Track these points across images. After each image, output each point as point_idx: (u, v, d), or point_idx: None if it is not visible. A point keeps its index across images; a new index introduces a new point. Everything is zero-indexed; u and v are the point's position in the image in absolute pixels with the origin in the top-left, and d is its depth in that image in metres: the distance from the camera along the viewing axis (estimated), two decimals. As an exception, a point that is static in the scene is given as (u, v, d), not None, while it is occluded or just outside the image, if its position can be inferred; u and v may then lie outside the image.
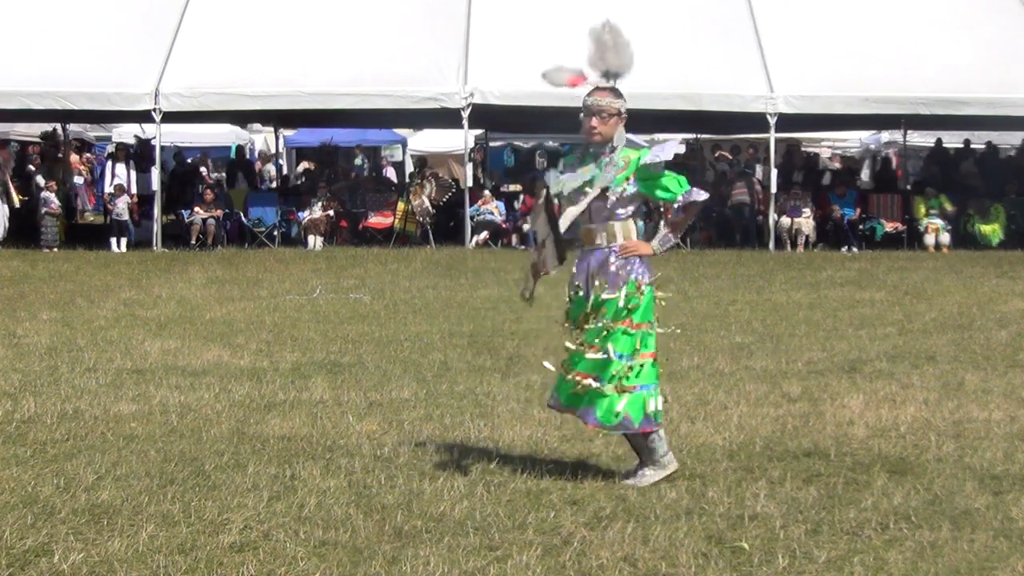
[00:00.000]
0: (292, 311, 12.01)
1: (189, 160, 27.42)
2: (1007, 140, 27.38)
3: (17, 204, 20.97)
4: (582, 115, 5.71)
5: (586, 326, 5.84)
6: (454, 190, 21.59)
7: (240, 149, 29.56)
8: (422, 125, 30.00)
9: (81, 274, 15.82)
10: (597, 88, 5.70)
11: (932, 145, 27.42)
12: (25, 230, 20.55)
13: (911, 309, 12.24)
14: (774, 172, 21.44)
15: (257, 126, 31.63)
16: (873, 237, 21.62)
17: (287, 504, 5.27)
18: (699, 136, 27.87)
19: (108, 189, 21.67)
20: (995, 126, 24.95)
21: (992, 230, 21.60)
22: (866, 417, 7.06)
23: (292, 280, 14.99)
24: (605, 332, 5.77)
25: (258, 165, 29.40)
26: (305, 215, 21.31)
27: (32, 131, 28.11)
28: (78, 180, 24.66)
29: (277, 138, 29.45)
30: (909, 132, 27.17)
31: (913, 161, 29.17)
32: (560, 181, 5.80)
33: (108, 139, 33.14)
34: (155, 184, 20.95)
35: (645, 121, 26.33)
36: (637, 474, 5.66)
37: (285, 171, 29.56)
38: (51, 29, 20.54)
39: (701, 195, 5.86)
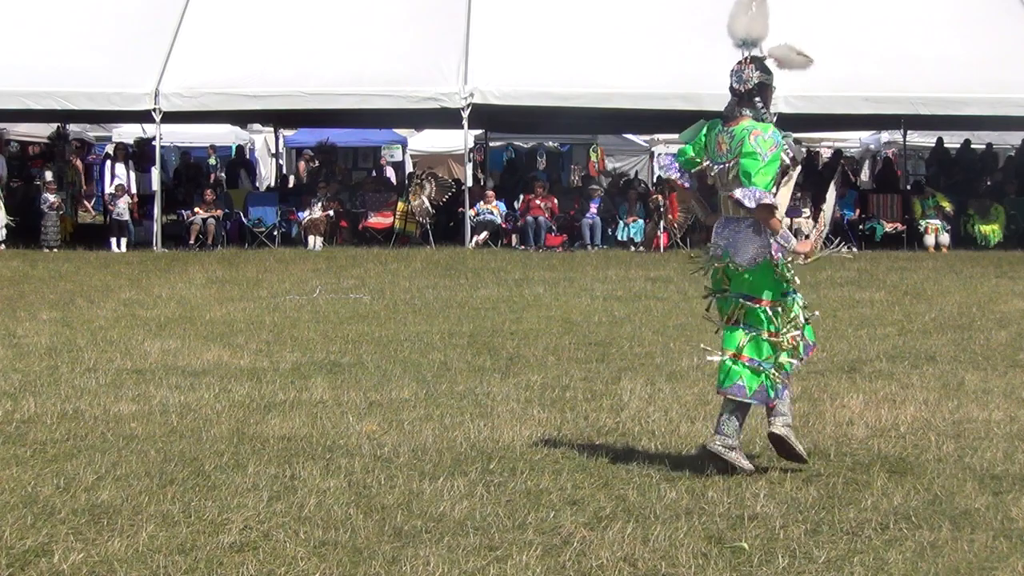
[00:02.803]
0: (292, 311, 12.02)
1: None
2: (1007, 140, 27.39)
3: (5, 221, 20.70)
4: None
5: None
6: (454, 190, 21.60)
7: (240, 149, 29.54)
8: (422, 125, 30.00)
9: (81, 274, 15.82)
10: None
11: (932, 145, 27.44)
12: (26, 230, 20.56)
13: (911, 309, 12.23)
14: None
15: (257, 126, 31.63)
16: (873, 237, 21.62)
17: (287, 504, 5.27)
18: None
19: (108, 189, 21.67)
20: (995, 126, 24.97)
21: (992, 230, 21.59)
22: (866, 417, 7.06)
23: (292, 280, 14.99)
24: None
25: (301, 166, 29.21)
26: (305, 215, 21.31)
27: (33, 131, 28.15)
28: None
29: (277, 138, 29.45)
30: (909, 132, 27.18)
31: (913, 161, 29.17)
32: None
33: (108, 139, 33.19)
34: (155, 184, 20.96)
35: (645, 121, 26.46)
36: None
37: (285, 171, 29.58)
38: (51, 29, 20.55)
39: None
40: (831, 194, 6.43)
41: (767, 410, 5.93)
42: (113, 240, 20.46)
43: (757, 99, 5.81)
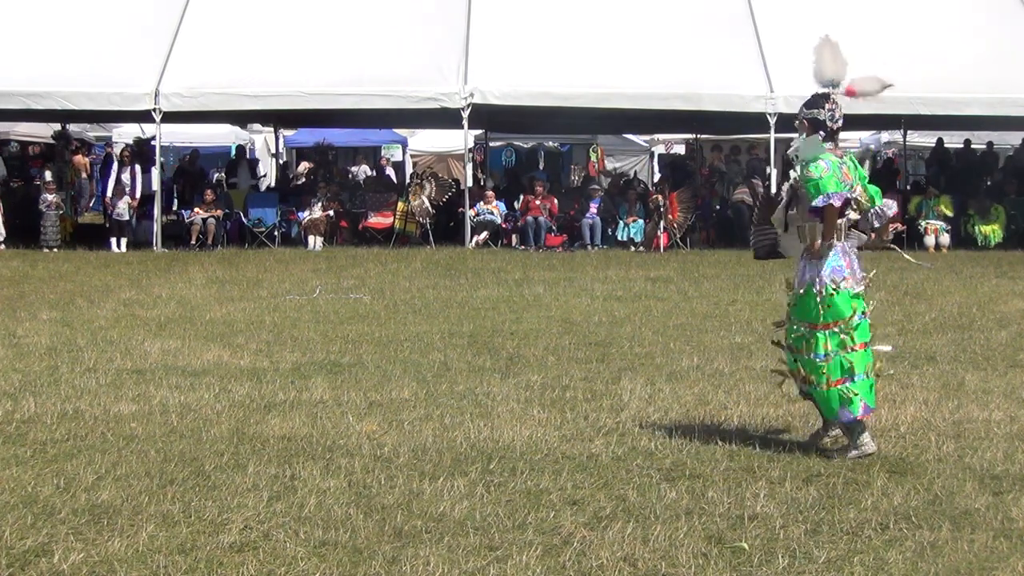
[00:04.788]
0: (292, 311, 12.01)
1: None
2: (1007, 140, 27.38)
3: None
4: None
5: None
6: (454, 190, 21.60)
7: (241, 149, 29.54)
8: (422, 125, 30.01)
9: (81, 274, 15.82)
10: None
11: (932, 145, 27.45)
12: (25, 230, 20.57)
13: (911, 309, 12.23)
14: (775, 172, 21.43)
15: (257, 126, 31.63)
16: (873, 237, 21.59)
17: (287, 504, 5.27)
18: (699, 136, 27.92)
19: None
20: (995, 126, 24.95)
21: (992, 230, 21.58)
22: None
23: (292, 280, 14.99)
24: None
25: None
26: (305, 215, 21.31)
27: (33, 131, 28.16)
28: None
29: (277, 138, 29.45)
30: (909, 132, 27.18)
31: (913, 161, 29.17)
32: None
33: (108, 139, 33.16)
34: (155, 184, 20.93)
35: (645, 121, 26.45)
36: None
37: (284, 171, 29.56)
38: (51, 29, 20.54)
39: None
40: None
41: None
42: (113, 240, 20.45)
43: (839, 134, 6.47)
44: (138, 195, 21.12)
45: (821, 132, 6.39)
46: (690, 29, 20.89)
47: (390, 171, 29.36)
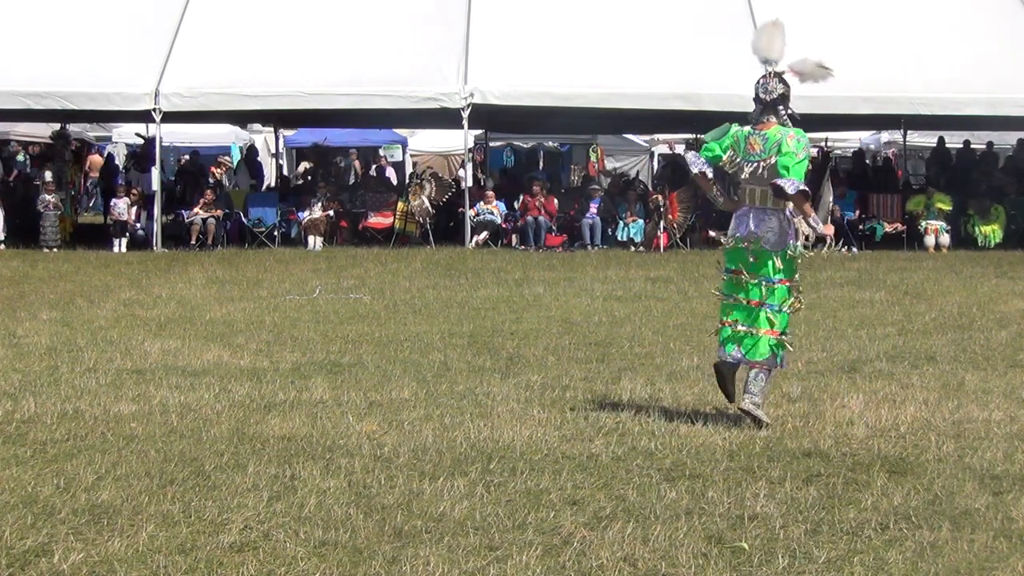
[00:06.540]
0: (292, 311, 12.02)
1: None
2: (1007, 140, 27.40)
3: None
4: None
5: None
6: (454, 190, 21.60)
7: (252, 149, 29.50)
8: (422, 125, 30.01)
9: (81, 274, 15.82)
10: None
11: (932, 145, 27.46)
12: (26, 230, 20.57)
13: (911, 309, 12.23)
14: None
15: (257, 126, 31.63)
16: (873, 237, 21.61)
17: (287, 504, 5.27)
18: (699, 136, 27.91)
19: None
20: (995, 126, 24.96)
21: (992, 230, 21.58)
22: (866, 417, 7.06)
23: (292, 280, 14.99)
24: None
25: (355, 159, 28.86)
26: (305, 215, 21.31)
27: (33, 131, 28.17)
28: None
29: (277, 138, 29.45)
30: (909, 132, 27.18)
31: (913, 161, 29.20)
32: None
33: (108, 139, 33.17)
34: (155, 184, 20.95)
35: (645, 121, 26.46)
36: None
37: (285, 171, 29.57)
38: (51, 29, 20.55)
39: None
40: (828, 191, 7.18)
41: (743, 386, 6.87)
42: (114, 240, 20.45)
43: (780, 107, 7.02)
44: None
45: (759, 105, 7.02)
46: (690, 29, 20.89)
47: (390, 171, 29.37)
